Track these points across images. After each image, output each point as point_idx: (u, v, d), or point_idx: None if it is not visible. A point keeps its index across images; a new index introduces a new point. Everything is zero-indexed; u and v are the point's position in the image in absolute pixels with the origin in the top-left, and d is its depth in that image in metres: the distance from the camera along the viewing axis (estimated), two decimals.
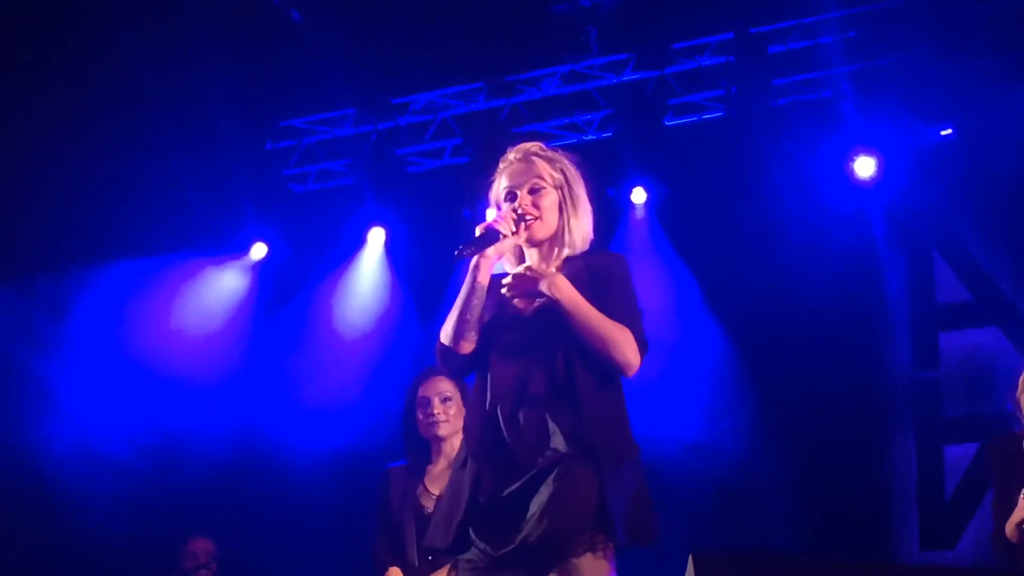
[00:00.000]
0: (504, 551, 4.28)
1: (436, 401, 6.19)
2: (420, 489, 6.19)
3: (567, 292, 4.37)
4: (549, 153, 4.65)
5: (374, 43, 9.19)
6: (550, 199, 4.55)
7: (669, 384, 8.36)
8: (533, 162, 4.61)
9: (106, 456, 9.46)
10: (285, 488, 9.55)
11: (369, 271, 9.95)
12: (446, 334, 4.50)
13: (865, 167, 8.68)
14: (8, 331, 9.58)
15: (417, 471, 6.23)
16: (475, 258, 4.48)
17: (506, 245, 4.51)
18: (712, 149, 9.03)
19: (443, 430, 6.19)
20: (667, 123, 9.17)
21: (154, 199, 9.64)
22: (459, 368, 4.58)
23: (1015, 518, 5.96)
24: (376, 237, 9.91)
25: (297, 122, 10.08)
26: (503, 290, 4.47)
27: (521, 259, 4.61)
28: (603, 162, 9.27)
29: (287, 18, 9.23)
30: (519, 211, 4.51)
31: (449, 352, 4.52)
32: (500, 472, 4.36)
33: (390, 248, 9.92)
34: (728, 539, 8.53)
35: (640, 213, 9.24)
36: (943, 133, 8.63)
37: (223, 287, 10.06)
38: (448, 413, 6.19)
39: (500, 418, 4.40)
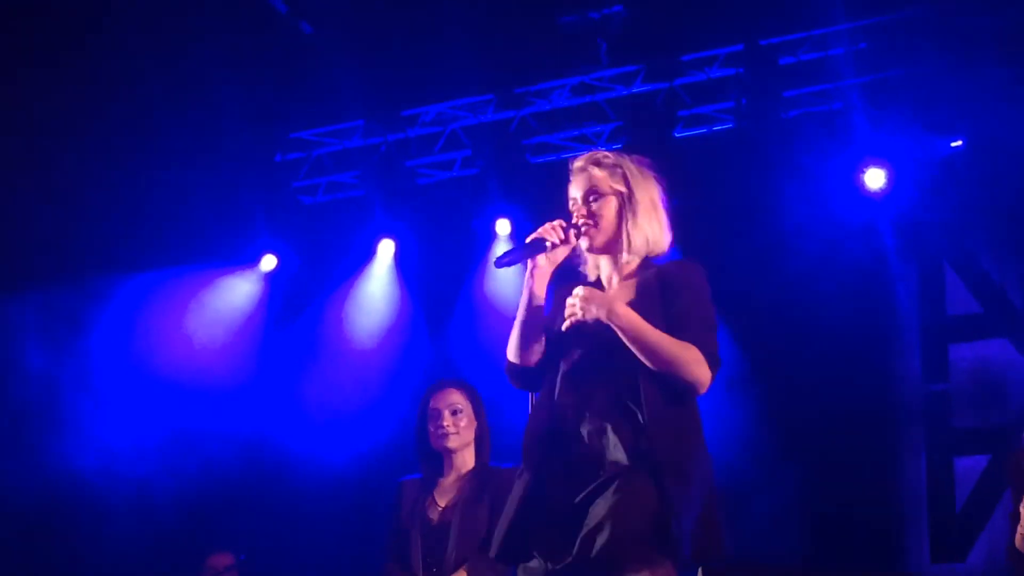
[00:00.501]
0: (562, 564, 4.25)
1: (446, 413, 6.21)
2: (428, 501, 6.20)
3: (626, 318, 4.31)
4: (612, 159, 4.60)
5: (383, 55, 9.20)
6: (608, 206, 4.52)
7: None
8: (591, 170, 4.56)
9: (120, 470, 9.47)
10: (296, 499, 9.55)
11: (379, 282, 9.95)
12: (510, 349, 4.50)
13: (875, 179, 8.67)
14: (24, 343, 9.60)
15: (429, 483, 6.24)
16: (528, 268, 4.48)
17: (559, 254, 4.50)
18: (722, 161, 9.02)
19: (452, 442, 6.19)
20: (677, 135, 9.17)
21: (163, 211, 9.65)
22: (527, 382, 4.55)
23: (1022, 529, 5.97)
24: (386, 248, 9.91)
25: (306, 134, 10.09)
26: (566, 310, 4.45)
27: (595, 267, 4.62)
28: None
29: (296, 30, 9.24)
30: (575, 219, 4.51)
31: (514, 367, 4.52)
32: (559, 484, 4.33)
33: (399, 259, 9.92)
34: (737, 549, 8.51)
35: None
36: (953, 145, 8.61)
37: (233, 299, 10.06)
38: (458, 425, 6.20)
39: (562, 430, 4.37)
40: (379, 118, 9.79)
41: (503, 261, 4.47)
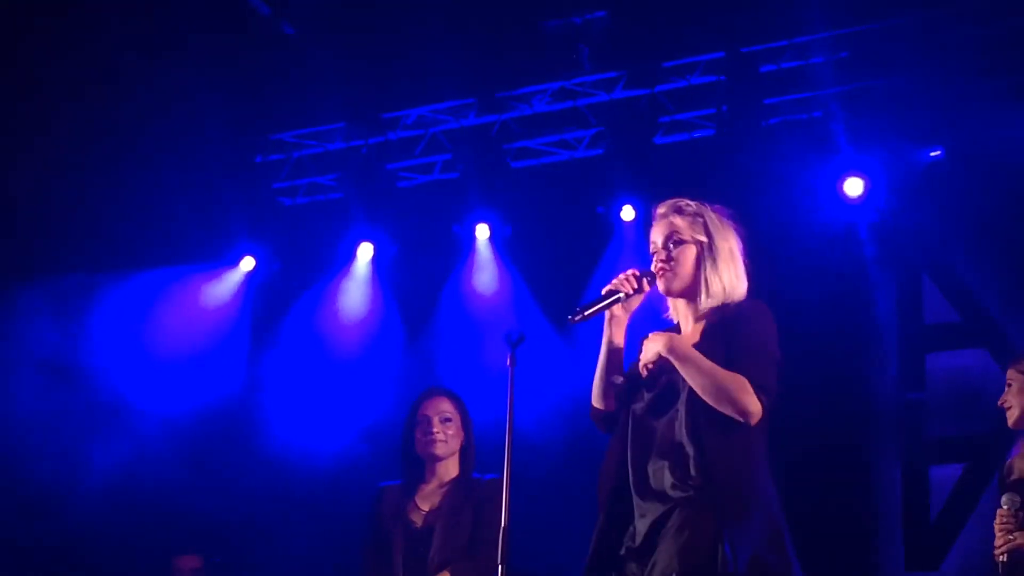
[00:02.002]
0: None
1: (436, 420, 6.24)
2: (410, 506, 6.21)
3: (681, 351, 4.54)
4: (693, 208, 4.82)
5: (365, 57, 9.20)
6: (687, 253, 4.73)
7: None
8: (673, 218, 4.79)
9: (92, 474, 9.45)
10: (271, 501, 9.53)
11: (357, 285, 9.93)
12: (594, 395, 4.73)
13: (855, 187, 8.69)
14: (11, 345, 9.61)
15: (410, 489, 6.25)
16: (606, 318, 4.70)
17: (633, 302, 4.72)
18: (702, 168, 9.02)
19: (440, 449, 6.22)
20: (657, 141, 9.17)
21: (143, 212, 9.63)
22: (608, 425, 4.74)
23: (996, 543, 6.00)
24: (365, 252, 9.88)
25: (287, 136, 10.07)
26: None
27: (674, 310, 4.82)
28: (593, 180, 9.28)
29: (278, 32, 9.23)
30: (654, 264, 4.71)
31: (598, 412, 4.74)
32: (629, 523, 4.53)
33: (378, 262, 9.90)
34: None
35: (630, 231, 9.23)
36: (932, 154, 8.64)
37: (211, 300, 10.03)
38: (447, 433, 6.24)
39: (630, 470, 4.56)
40: (360, 120, 9.77)
41: (578, 316, 4.68)
